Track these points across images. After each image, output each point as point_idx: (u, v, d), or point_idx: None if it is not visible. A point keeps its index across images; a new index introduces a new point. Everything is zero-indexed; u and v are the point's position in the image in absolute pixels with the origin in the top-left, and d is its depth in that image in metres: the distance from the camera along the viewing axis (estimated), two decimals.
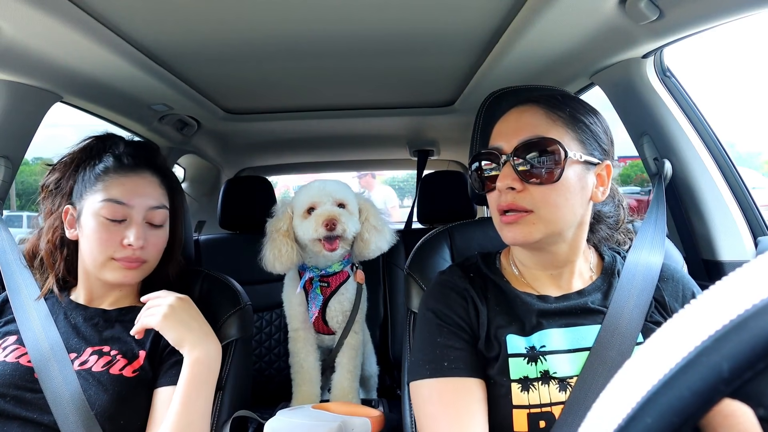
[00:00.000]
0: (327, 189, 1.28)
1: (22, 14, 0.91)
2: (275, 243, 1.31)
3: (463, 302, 0.82)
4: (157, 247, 0.99)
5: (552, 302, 0.80)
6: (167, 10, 1.00)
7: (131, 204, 0.93)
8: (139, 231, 0.93)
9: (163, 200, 0.99)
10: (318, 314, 1.37)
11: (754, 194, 1.17)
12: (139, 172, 0.97)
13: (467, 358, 0.77)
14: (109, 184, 0.94)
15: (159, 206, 0.97)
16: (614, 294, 0.79)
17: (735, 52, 59.79)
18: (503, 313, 0.80)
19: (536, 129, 0.76)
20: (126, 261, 0.93)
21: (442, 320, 0.80)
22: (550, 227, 0.75)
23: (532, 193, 0.74)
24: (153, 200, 0.96)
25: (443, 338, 0.78)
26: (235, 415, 0.99)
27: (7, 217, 1.23)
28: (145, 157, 1.01)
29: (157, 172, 1.01)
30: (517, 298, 0.81)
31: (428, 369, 0.77)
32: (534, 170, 0.74)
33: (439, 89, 1.69)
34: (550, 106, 0.78)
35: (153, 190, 0.97)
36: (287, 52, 1.27)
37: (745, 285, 0.23)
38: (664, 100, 1.20)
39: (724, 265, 1.14)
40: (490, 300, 0.82)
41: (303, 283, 1.36)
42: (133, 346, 0.93)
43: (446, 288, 0.85)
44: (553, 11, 0.98)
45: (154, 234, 0.97)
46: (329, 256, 1.29)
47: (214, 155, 2.39)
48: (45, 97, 1.25)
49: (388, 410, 1.42)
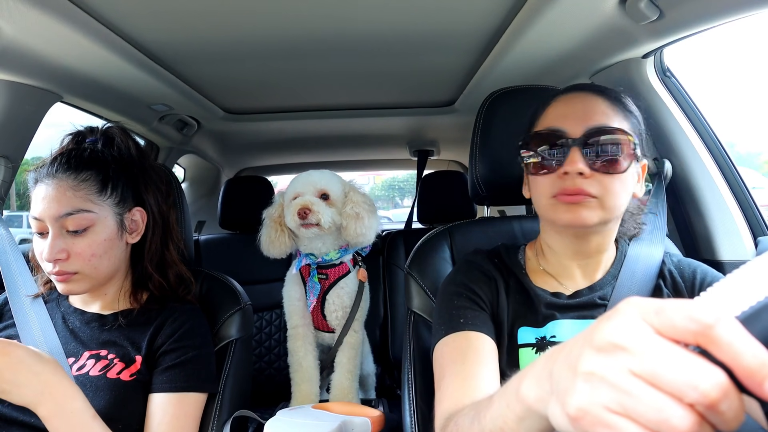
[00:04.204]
0: (310, 179, 1.34)
1: (22, 14, 0.91)
2: (268, 229, 1.40)
3: (487, 280, 0.83)
4: (84, 254, 0.88)
5: (564, 299, 0.81)
6: (167, 10, 1.00)
7: (41, 217, 0.87)
8: (52, 243, 0.85)
9: (78, 203, 0.88)
10: (317, 305, 1.38)
11: (754, 194, 1.17)
12: (49, 180, 0.89)
13: (484, 318, 0.78)
14: (33, 198, 0.90)
15: (71, 212, 0.87)
16: (614, 290, 0.80)
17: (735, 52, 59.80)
18: (518, 305, 0.81)
19: (606, 118, 0.75)
20: (55, 275, 0.88)
21: (460, 288, 0.82)
22: (606, 215, 0.75)
23: (599, 180, 0.74)
24: (62, 207, 0.87)
25: (460, 302, 0.80)
26: (235, 415, 0.99)
27: (7, 217, 1.23)
28: (64, 160, 0.91)
29: (79, 170, 0.90)
30: (532, 292, 0.82)
31: (443, 328, 0.78)
32: (604, 158, 0.73)
33: (439, 89, 1.69)
34: (613, 98, 0.78)
35: (62, 196, 0.87)
36: (287, 52, 1.27)
37: None
38: (664, 100, 1.20)
39: (724, 265, 1.14)
40: (510, 289, 0.83)
41: (299, 265, 1.39)
42: (129, 350, 0.92)
43: (471, 266, 0.86)
44: (553, 11, 0.98)
45: (78, 242, 0.88)
46: (304, 233, 1.33)
47: (214, 155, 2.39)
48: (45, 97, 1.25)
49: (388, 410, 1.42)
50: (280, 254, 1.41)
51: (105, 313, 0.97)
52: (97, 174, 0.91)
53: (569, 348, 0.35)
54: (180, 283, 1.02)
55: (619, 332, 0.30)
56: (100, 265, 0.91)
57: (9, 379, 0.74)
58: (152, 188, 1.00)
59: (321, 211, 1.28)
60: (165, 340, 0.92)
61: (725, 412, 0.27)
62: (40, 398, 0.76)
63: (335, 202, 1.34)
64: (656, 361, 0.28)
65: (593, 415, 0.30)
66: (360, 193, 1.39)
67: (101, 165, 0.93)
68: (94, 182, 0.91)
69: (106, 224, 0.91)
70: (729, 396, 0.27)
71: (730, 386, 0.27)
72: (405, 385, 0.97)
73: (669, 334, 0.29)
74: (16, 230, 5.53)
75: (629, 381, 0.29)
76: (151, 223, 0.99)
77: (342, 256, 1.41)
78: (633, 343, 0.29)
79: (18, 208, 6.61)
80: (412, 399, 0.94)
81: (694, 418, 0.27)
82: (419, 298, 1.02)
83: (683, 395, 0.27)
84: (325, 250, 1.38)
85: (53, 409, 0.77)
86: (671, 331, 0.29)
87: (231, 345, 1.04)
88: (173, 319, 0.95)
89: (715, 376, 0.27)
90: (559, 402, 0.33)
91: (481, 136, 1.03)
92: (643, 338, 0.29)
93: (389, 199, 14.53)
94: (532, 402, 0.38)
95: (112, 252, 0.92)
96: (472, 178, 1.06)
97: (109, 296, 0.98)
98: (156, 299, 0.99)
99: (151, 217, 0.99)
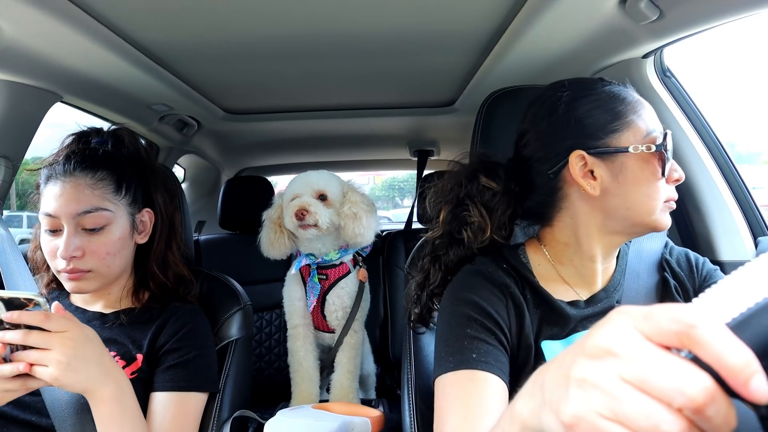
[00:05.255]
0: (308, 180, 1.35)
1: (22, 14, 0.91)
2: (268, 230, 1.41)
3: (502, 297, 0.73)
4: (99, 253, 0.89)
5: (583, 307, 0.76)
6: (167, 10, 1.00)
7: (57, 214, 0.87)
8: (67, 242, 0.85)
9: (96, 201, 0.89)
10: (317, 305, 1.38)
11: (754, 194, 1.17)
12: (66, 177, 0.89)
13: (498, 355, 0.69)
14: (45, 195, 0.90)
15: (89, 210, 0.88)
16: (623, 292, 0.78)
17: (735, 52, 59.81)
18: (540, 317, 0.74)
19: None
20: (67, 273, 0.87)
21: (474, 312, 0.71)
22: None
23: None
24: (81, 205, 0.87)
25: (474, 330, 0.70)
26: (235, 415, 0.99)
27: (7, 217, 1.23)
28: (80, 158, 0.91)
29: (95, 169, 0.91)
30: (553, 302, 0.75)
31: (452, 361, 0.69)
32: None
33: (439, 89, 1.69)
34: None
35: (80, 194, 0.88)
36: (287, 52, 1.27)
37: None
38: (664, 100, 1.20)
39: (724, 265, 1.13)
40: (528, 301, 0.74)
41: (299, 265, 1.39)
42: (130, 348, 0.92)
43: (480, 277, 0.75)
44: (553, 11, 0.98)
45: (94, 240, 0.88)
46: (303, 234, 1.33)
47: (214, 155, 2.39)
48: (45, 97, 1.25)
49: (388, 410, 1.42)
50: (280, 255, 1.41)
51: (106, 311, 0.97)
52: (113, 174, 0.93)
53: (561, 359, 0.35)
54: (180, 283, 1.03)
55: (610, 339, 0.30)
56: (113, 264, 0.92)
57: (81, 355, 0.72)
58: (161, 190, 1.01)
59: (318, 212, 1.29)
60: (168, 339, 0.93)
61: (713, 418, 0.27)
62: (105, 379, 0.76)
63: (333, 203, 1.34)
64: (645, 366, 0.28)
65: (588, 421, 0.29)
66: (358, 193, 1.39)
67: (116, 165, 0.94)
68: (110, 182, 0.92)
69: (121, 223, 0.92)
70: (716, 401, 0.27)
71: (717, 391, 0.27)
72: (405, 385, 0.97)
73: (657, 338, 0.29)
74: (16, 230, 5.53)
75: (619, 387, 0.29)
76: (158, 224, 1.00)
77: (342, 257, 1.40)
78: (623, 349, 0.29)
79: (18, 208, 6.61)
80: (412, 399, 0.94)
81: (683, 424, 0.27)
82: None
83: (671, 400, 0.27)
84: (325, 250, 1.38)
85: (115, 390, 0.77)
86: (659, 336, 0.29)
87: (231, 345, 1.04)
88: (176, 319, 0.96)
89: (702, 380, 0.27)
90: (552, 411, 0.33)
91: (481, 136, 1.03)
92: (632, 344, 0.29)
93: (389, 199, 14.52)
94: (527, 417, 0.38)
95: (123, 251, 0.94)
96: None
97: (113, 296, 0.98)
98: (157, 298, 0.99)
99: (159, 218, 1.00)
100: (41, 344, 0.69)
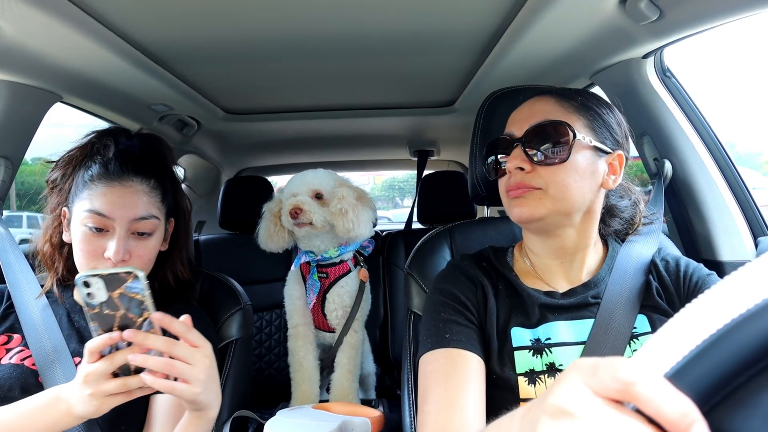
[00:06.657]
0: (304, 179, 1.37)
1: (22, 14, 0.91)
2: (267, 222, 1.42)
3: (472, 286, 0.83)
4: (144, 258, 0.92)
5: (558, 298, 0.81)
6: (167, 10, 1.00)
7: (113, 216, 0.88)
8: (120, 244, 0.86)
9: (151, 209, 0.92)
10: (317, 304, 1.38)
11: (754, 194, 1.17)
12: (124, 181, 0.91)
13: (470, 334, 0.78)
14: (93, 193, 0.89)
15: (145, 216, 0.90)
16: (606, 289, 0.80)
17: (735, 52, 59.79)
18: (510, 307, 0.81)
19: (547, 114, 0.78)
20: None
21: (447, 298, 0.82)
22: (557, 205, 0.76)
23: (540, 173, 0.77)
24: (139, 210, 0.90)
25: (447, 314, 0.80)
26: (235, 415, 0.99)
27: (7, 217, 1.23)
28: (134, 162, 0.93)
29: (150, 177, 0.94)
30: (524, 292, 0.81)
31: (430, 342, 0.78)
32: (543, 151, 0.76)
33: (439, 89, 1.69)
34: (561, 96, 0.81)
35: (138, 200, 0.90)
36: (287, 52, 1.27)
37: None
38: (664, 100, 1.20)
39: (724, 265, 1.14)
40: (500, 292, 0.83)
41: (299, 262, 1.40)
42: None
43: (456, 271, 0.87)
44: (553, 11, 0.98)
45: (141, 245, 0.91)
46: (298, 231, 1.36)
47: (214, 155, 2.39)
48: (45, 97, 1.25)
49: (388, 410, 1.42)
50: (278, 248, 1.42)
51: None
52: (162, 183, 0.96)
53: (528, 411, 0.36)
54: (181, 284, 1.03)
55: (564, 397, 0.31)
56: (148, 269, 0.94)
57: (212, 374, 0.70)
58: (186, 201, 1.05)
59: (312, 211, 1.30)
60: None
61: None
62: (218, 400, 0.74)
63: (328, 201, 1.34)
64: (594, 424, 0.29)
65: None
66: (347, 187, 1.39)
67: (165, 175, 0.97)
68: (160, 191, 0.95)
69: (160, 231, 0.95)
70: None
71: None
72: (405, 385, 0.97)
73: (604, 394, 0.30)
74: (16, 230, 5.51)
75: None
76: (181, 232, 1.03)
77: (341, 254, 1.41)
78: (575, 408, 0.30)
79: (18, 208, 6.60)
80: (412, 399, 0.94)
81: None
82: (419, 298, 1.03)
83: None
84: (324, 248, 1.38)
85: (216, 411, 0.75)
86: (605, 391, 0.30)
87: (231, 345, 1.05)
88: None
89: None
90: None
91: (481, 136, 1.03)
92: (583, 403, 0.30)
93: (389, 199, 14.51)
94: None
95: (155, 257, 0.97)
96: (472, 178, 1.06)
97: None
98: (161, 299, 0.99)
99: (183, 226, 1.03)
100: (187, 357, 0.66)
